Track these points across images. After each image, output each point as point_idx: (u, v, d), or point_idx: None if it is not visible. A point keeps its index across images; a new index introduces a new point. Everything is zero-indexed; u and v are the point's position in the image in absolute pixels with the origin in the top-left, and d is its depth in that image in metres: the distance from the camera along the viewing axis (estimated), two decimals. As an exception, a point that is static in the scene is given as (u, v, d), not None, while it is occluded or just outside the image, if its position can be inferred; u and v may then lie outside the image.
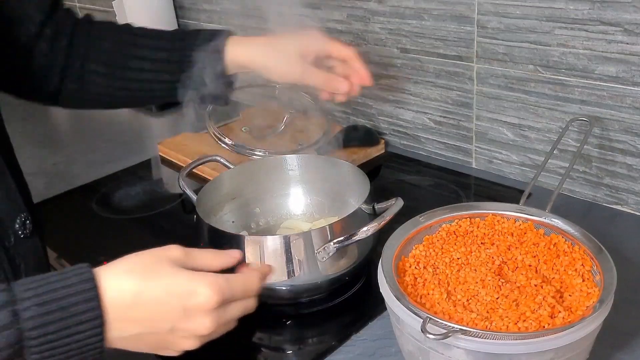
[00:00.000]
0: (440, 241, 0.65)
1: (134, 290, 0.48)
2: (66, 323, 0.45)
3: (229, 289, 0.51)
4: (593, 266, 0.60)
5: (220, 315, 0.51)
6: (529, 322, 0.53)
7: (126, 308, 0.47)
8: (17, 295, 0.45)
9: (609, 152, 0.86)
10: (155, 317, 0.48)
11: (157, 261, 0.50)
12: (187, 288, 0.49)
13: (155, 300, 0.48)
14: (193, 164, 0.85)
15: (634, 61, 0.79)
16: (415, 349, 0.55)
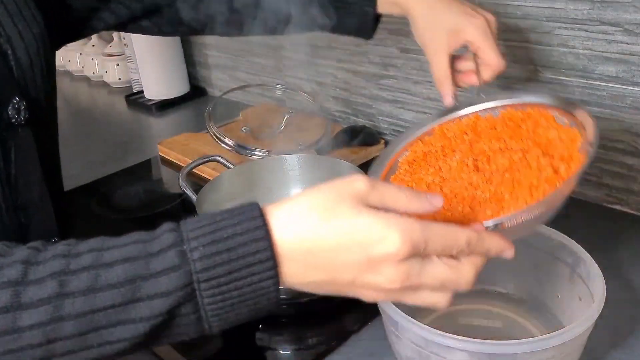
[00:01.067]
0: (407, 175, 0.60)
1: (312, 233, 0.42)
2: (236, 265, 0.41)
3: (423, 239, 0.41)
4: (555, 115, 0.57)
5: (412, 271, 0.41)
6: (541, 189, 0.49)
7: (304, 252, 0.42)
8: (184, 234, 0.41)
9: (609, 152, 0.86)
10: (336, 265, 0.42)
11: (339, 198, 0.42)
12: (373, 233, 0.41)
13: (337, 246, 0.41)
14: (193, 163, 0.85)
15: (634, 61, 0.79)
16: (415, 354, 0.55)
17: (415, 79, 1.06)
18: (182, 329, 0.42)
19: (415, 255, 0.41)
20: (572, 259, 0.62)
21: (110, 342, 0.41)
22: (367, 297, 0.44)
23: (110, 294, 0.40)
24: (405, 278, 0.41)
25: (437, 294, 0.44)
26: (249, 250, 0.41)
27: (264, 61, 1.37)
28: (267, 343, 0.71)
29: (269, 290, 0.42)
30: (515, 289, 0.69)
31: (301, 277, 0.43)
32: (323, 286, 0.44)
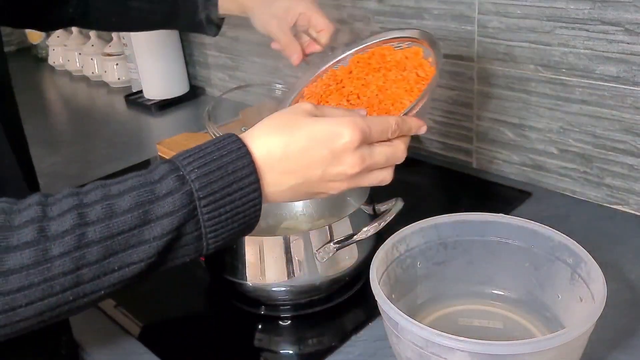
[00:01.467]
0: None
1: (280, 144, 0.50)
2: (227, 180, 0.48)
3: (367, 127, 0.52)
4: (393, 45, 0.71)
5: (365, 155, 0.52)
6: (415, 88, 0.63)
7: (277, 161, 0.50)
8: (177, 163, 0.48)
9: (610, 152, 0.86)
10: (305, 166, 0.51)
11: (294, 116, 0.52)
12: (329, 132, 0.51)
13: (303, 150, 0.50)
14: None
15: (634, 61, 0.78)
16: (415, 355, 0.55)
17: (416, 78, 1.06)
18: (185, 249, 0.48)
19: (364, 142, 0.52)
20: (573, 259, 0.61)
21: (129, 264, 0.46)
22: (335, 189, 0.53)
23: (125, 219, 0.45)
24: (362, 161, 0.52)
25: (384, 170, 0.55)
26: (236, 167, 0.48)
27: (264, 61, 1.37)
28: (267, 344, 0.71)
29: (255, 202, 0.49)
30: (516, 290, 0.68)
31: (279, 183, 0.51)
32: (298, 189, 0.52)
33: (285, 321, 0.73)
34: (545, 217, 0.78)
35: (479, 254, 0.69)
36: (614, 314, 0.56)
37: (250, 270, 0.69)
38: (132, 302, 0.78)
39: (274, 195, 0.52)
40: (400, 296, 0.66)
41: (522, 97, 0.92)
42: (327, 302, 0.74)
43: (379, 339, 0.67)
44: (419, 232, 0.67)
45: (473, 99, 0.99)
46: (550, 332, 0.63)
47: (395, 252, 0.65)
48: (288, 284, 0.69)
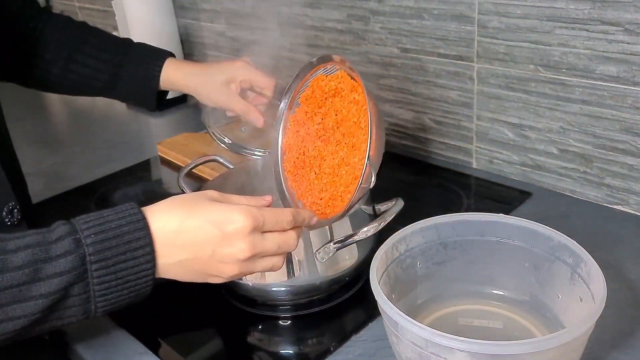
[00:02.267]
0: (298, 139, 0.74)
1: (177, 220, 0.53)
2: (122, 249, 0.51)
3: (261, 216, 0.55)
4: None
5: (256, 242, 0.54)
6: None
7: (171, 235, 0.53)
8: (77, 226, 0.50)
9: (610, 152, 0.86)
10: (197, 242, 0.53)
11: (196, 199, 0.56)
12: (223, 216, 0.54)
13: (196, 228, 0.53)
14: (193, 164, 0.85)
15: (634, 61, 0.78)
16: (415, 355, 0.55)
17: (415, 79, 1.06)
18: (72, 310, 0.50)
19: (256, 229, 0.54)
20: (573, 259, 0.61)
21: (12, 318, 0.48)
22: (226, 272, 0.55)
23: (14, 275, 0.47)
24: (252, 247, 0.54)
25: (275, 257, 0.57)
26: (132, 237, 0.51)
27: (264, 61, 1.37)
28: (267, 344, 0.71)
29: (147, 273, 0.52)
30: (516, 290, 0.68)
31: (169, 256, 0.53)
32: (188, 265, 0.54)
33: (285, 321, 0.73)
34: (545, 217, 0.78)
35: (479, 254, 0.69)
36: (613, 314, 0.56)
37: (250, 270, 0.68)
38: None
39: (164, 267, 0.54)
40: (400, 296, 0.66)
41: (522, 97, 0.92)
42: (327, 302, 0.74)
43: (379, 339, 0.67)
44: (419, 232, 0.67)
45: (473, 99, 0.99)
46: (550, 332, 0.63)
47: (395, 252, 0.65)
48: (288, 284, 0.69)
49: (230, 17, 1.40)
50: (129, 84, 0.90)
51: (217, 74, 0.86)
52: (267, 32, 0.87)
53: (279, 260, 0.58)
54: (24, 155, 1.27)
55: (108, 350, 0.70)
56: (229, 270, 0.55)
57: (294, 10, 1.22)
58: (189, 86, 0.89)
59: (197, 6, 1.48)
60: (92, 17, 1.93)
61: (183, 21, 1.54)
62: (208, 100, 0.89)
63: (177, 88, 0.91)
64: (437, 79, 1.03)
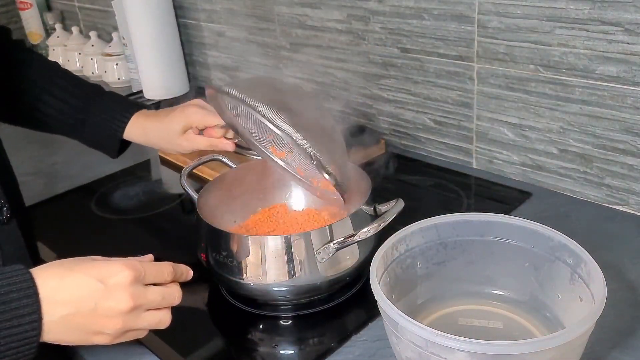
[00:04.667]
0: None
1: (57, 276, 0.54)
2: (8, 315, 0.50)
3: (142, 267, 0.56)
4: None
5: (139, 292, 0.55)
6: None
7: (52, 291, 0.53)
8: None
9: (610, 152, 0.86)
10: (78, 296, 0.53)
11: (78, 259, 0.57)
12: (104, 269, 0.55)
13: (77, 282, 0.54)
14: (195, 163, 0.85)
15: (634, 61, 0.79)
16: (415, 355, 0.55)
17: (415, 79, 1.06)
18: None
19: (138, 281, 0.55)
20: (573, 259, 0.61)
21: None
22: (109, 327, 0.55)
23: None
24: (135, 297, 0.55)
25: (161, 311, 0.58)
26: (20, 305, 0.51)
27: (264, 61, 1.37)
28: (268, 343, 0.71)
29: (32, 340, 0.52)
30: (516, 290, 0.68)
31: (52, 313, 0.52)
32: (71, 321, 0.53)
33: (285, 321, 0.73)
34: (545, 217, 0.78)
35: (479, 254, 0.69)
36: (613, 314, 0.56)
37: (251, 270, 0.69)
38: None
39: (47, 326, 0.53)
40: (400, 296, 0.66)
41: (522, 97, 0.92)
42: (328, 302, 0.74)
43: (379, 339, 0.67)
44: (419, 232, 0.67)
45: (473, 99, 0.99)
46: (550, 332, 0.63)
47: (395, 252, 0.66)
48: (289, 284, 0.69)
49: (230, 17, 1.40)
50: (93, 131, 0.91)
51: (174, 125, 0.87)
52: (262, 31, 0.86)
53: (166, 315, 0.58)
54: (25, 156, 1.28)
55: (108, 349, 0.70)
56: (113, 324, 0.55)
57: (294, 10, 1.22)
58: (150, 142, 0.91)
59: (197, 6, 1.48)
60: (92, 17, 1.93)
61: (183, 21, 1.54)
62: (173, 150, 0.91)
63: (140, 143, 0.92)
64: (437, 79, 1.03)
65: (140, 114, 0.91)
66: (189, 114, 0.87)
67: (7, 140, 0.78)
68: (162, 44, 1.48)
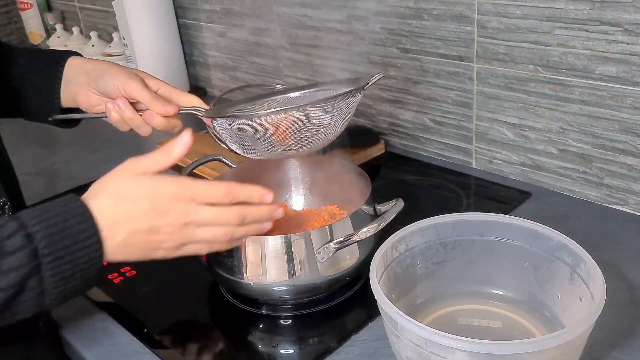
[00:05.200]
0: None
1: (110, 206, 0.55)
2: (71, 240, 0.52)
3: (190, 184, 0.57)
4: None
5: (187, 210, 0.56)
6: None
7: (107, 218, 0.54)
8: (25, 222, 0.52)
9: (609, 152, 0.86)
10: (132, 218, 0.55)
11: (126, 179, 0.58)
12: (153, 190, 0.56)
13: (129, 208, 0.55)
14: (196, 163, 0.85)
15: (634, 61, 0.79)
16: (415, 354, 0.55)
17: (415, 79, 1.06)
18: (28, 303, 0.52)
19: (185, 197, 0.56)
20: (572, 259, 0.62)
21: None
22: (165, 244, 0.56)
23: None
24: (183, 214, 0.55)
25: (214, 228, 0.58)
26: (80, 229, 0.53)
27: (264, 61, 1.37)
28: (268, 343, 0.71)
29: (96, 260, 0.54)
30: (516, 289, 0.69)
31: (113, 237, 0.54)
32: (129, 242, 0.55)
33: (286, 320, 0.73)
34: (545, 217, 0.78)
35: (479, 254, 0.69)
36: (613, 314, 0.56)
37: (251, 269, 0.69)
38: (133, 303, 0.78)
39: (109, 250, 0.55)
40: (400, 296, 0.66)
41: (522, 97, 0.92)
42: (328, 302, 0.74)
43: (379, 339, 0.67)
44: (419, 232, 0.67)
45: (473, 99, 0.99)
46: (549, 331, 0.63)
47: (395, 251, 0.66)
48: (289, 284, 0.69)
49: (230, 17, 1.40)
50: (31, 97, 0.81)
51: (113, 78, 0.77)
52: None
53: (219, 231, 0.58)
54: (25, 156, 1.28)
55: (108, 349, 0.70)
56: (167, 241, 0.56)
57: (294, 10, 1.22)
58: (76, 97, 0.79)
59: (197, 6, 1.48)
60: (92, 17, 1.93)
61: (183, 21, 1.54)
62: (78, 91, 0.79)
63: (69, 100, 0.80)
64: (437, 79, 1.03)
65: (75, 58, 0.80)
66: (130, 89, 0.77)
67: (7, 140, 0.78)
68: (162, 44, 1.48)
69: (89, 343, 0.71)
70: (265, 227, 0.60)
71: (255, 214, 0.59)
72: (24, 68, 0.81)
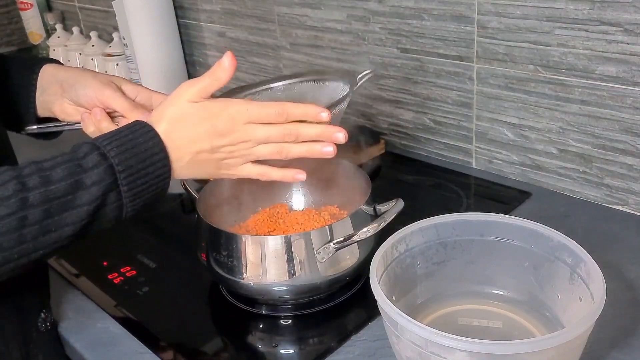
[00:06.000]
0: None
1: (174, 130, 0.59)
2: (141, 157, 0.57)
3: (246, 104, 0.59)
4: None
5: (245, 129, 0.59)
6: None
7: (173, 142, 0.58)
8: (98, 144, 0.56)
9: (609, 152, 0.86)
10: (196, 143, 0.59)
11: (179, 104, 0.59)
12: (212, 113, 0.59)
13: (192, 125, 0.59)
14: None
15: (634, 61, 0.79)
16: (415, 354, 0.55)
17: (415, 79, 1.06)
18: (109, 215, 0.56)
19: (243, 117, 0.59)
20: (572, 259, 0.62)
21: (64, 226, 0.54)
22: (229, 162, 0.61)
23: (59, 187, 0.53)
24: (242, 132, 0.59)
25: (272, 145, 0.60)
26: (147, 146, 0.57)
27: (264, 61, 1.37)
28: (268, 343, 0.71)
29: (165, 175, 0.59)
30: (516, 289, 0.69)
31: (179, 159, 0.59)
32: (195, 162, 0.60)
33: (286, 320, 0.73)
34: (545, 217, 0.78)
35: (479, 254, 0.69)
36: (613, 314, 0.56)
37: (251, 269, 0.69)
38: (133, 303, 0.78)
39: (178, 169, 0.60)
40: (400, 296, 0.66)
41: (522, 97, 0.93)
42: (328, 302, 0.74)
43: (379, 339, 0.67)
44: (419, 232, 0.67)
45: (472, 99, 0.99)
46: (549, 331, 0.63)
47: (395, 252, 0.66)
48: (289, 284, 0.69)
49: (230, 17, 1.40)
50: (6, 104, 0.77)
51: (87, 89, 0.74)
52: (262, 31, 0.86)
53: (275, 148, 0.60)
54: (25, 156, 1.27)
55: (108, 349, 0.70)
56: (231, 159, 0.60)
57: (294, 10, 1.22)
58: (53, 108, 0.77)
59: (197, 6, 1.48)
60: (92, 17, 1.93)
61: (183, 21, 1.54)
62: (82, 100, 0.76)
63: (48, 112, 0.78)
64: (436, 79, 1.03)
65: (50, 66, 0.77)
66: (106, 99, 0.73)
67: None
68: (163, 44, 1.48)
69: (89, 343, 0.72)
70: (326, 151, 0.62)
71: (308, 131, 0.61)
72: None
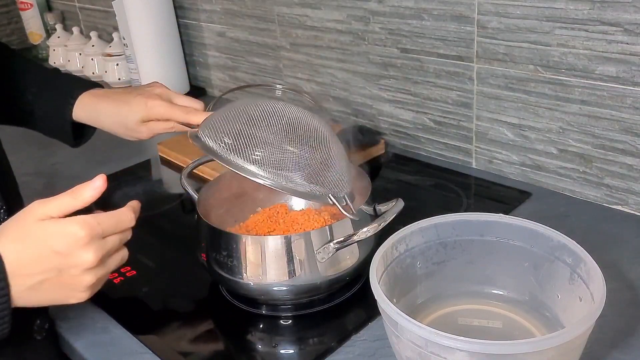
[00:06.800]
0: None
1: (15, 252, 0.54)
2: None
3: (97, 222, 0.56)
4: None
5: (99, 246, 0.56)
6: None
7: (13, 266, 0.53)
8: None
9: (609, 152, 0.86)
10: (40, 269, 0.54)
11: (31, 224, 0.56)
12: (60, 236, 0.54)
13: (37, 256, 0.54)
14: (195, 162, 0.85)
15: (634, 61, 0.79)
16: (415, 354, 0.55)
17: (415, 79, 1.06)
18: None
19: (96, 236, 0.55)
20: (572, 259, 0.62)
21: None
22: (82, 285, 0.56)
23: None
24: (97, 252, 0.55)
25: (122, 251, 0.60)
26: None
27: (264, 61, 1.37)
28: (268, 343, 0.71)
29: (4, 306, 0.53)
30: (516, 289, 0.69)
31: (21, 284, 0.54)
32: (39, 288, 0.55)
33: (286, 321, 0.73)
34: (545, 217, 0.78)
35: (479, 254, 0.69)
36: (613, 314, 0.56)
37: (251, 269, 0.69)
38: (133, 302, 0.78)
39: (17, 294, 0.54)
40: (400, 296, 0.66)
41: (522, 97, 0.93)
42: (328, 302, 0.74)
43: (379, 339, 0.67)
44: (419, 232, 0.67)
45: (472, 99, 0.99)
46: (549, 331, 0.63)
47: (395, 252, 0.66)
48: (289, 284, 0.69)
49: (230, 17, 1.40)
50: (43, 117, 0.85)
51: (133, 114, 0.81)
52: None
53: (125, 252, 0.61)
54: (25, 156, 1.28)
55: (108, 349, 0.70)
56: (84, 282, 0.56)
57: (294, 10, 1.22)
58: (104, 126, 0.85)
59: (197, 6, 1.48)
60: (92, 17, 1.93)
61: (183, 21, 1.54)
62: (129, 137, 0.85)
63: (93, 125, 0.86)
64: (436, 79, 1.03)
65: (90, 94, 0.84)
66: (152, 106, 0.80)
67: (7, 140, 0.78)
68: (162, 44, 1.48)
69: (89, 343, 0.71)
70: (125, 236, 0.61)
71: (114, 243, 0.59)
72: (35, 96, 0.84)
